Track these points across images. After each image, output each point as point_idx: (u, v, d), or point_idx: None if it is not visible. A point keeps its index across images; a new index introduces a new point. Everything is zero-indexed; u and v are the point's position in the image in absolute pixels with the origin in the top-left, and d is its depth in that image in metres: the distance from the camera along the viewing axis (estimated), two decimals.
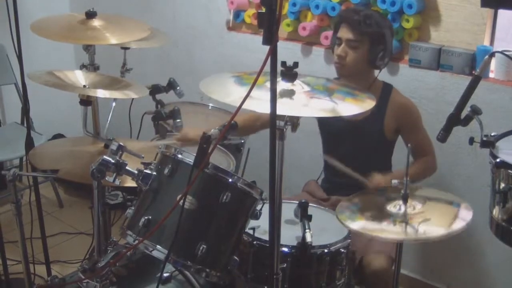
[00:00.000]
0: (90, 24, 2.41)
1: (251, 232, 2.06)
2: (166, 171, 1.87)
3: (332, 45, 2.53)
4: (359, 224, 1.92)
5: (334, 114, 1.77)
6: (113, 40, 2.38)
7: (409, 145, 1.98)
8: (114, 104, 2.52)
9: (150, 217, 1.85)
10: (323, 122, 2.64)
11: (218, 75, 1.98)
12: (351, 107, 1.81)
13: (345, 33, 2.41)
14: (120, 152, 1.90)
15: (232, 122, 1.70)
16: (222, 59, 3.50)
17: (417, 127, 2.50)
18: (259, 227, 2.07)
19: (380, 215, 1.93)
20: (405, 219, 1.89)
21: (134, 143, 2.35)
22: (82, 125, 2.38)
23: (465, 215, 1.92)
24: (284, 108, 1.64)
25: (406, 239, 1.89)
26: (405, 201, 1.93)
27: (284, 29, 3.14)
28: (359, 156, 2.53)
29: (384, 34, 2.41)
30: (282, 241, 1.84)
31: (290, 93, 1.73)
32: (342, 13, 2.57)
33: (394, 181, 2.04)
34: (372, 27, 2.38)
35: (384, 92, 2.51)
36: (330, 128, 2.61)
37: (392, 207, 1.95)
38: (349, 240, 2.11)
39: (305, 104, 1.73)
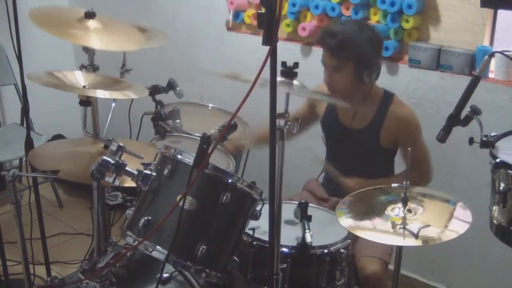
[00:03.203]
0: (87, 25, 2.40)
1: (251, 232, 2.06)
2: (165, 171, 1.87)
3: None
4: (352, 223, 1.92)
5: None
6: (103, 47, 2.36)
7: (409, 149, 1.95)
8: (113, 104, 2.52)
9: (150, 218, 1.84)
10: (325, 125, 2.63)
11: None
12: None
13: (325, 58, 2.38)
14: (120, 153, 1.89)
15: (232, 122, 1.70)
16: (221, 59, 3.50)
17: (414, 141, 2.41)
18: (259, 227, 2.07)
19: (378, 217, 1.93)
20: (403, 223, 1.88)
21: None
22: (81, 126, 2.38)
23: (463, 216, 1.92)
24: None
25: (405, 244, 1.88)
26: (404, 204, 1.92)
27: (283, 30, 3.14)
28: (357, 161, 2.53)
29: (365, 53, 2.32)
30: (282, 242, 1.84)
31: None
32: (319, 36, 2.41)
33: (394, 185, 2.04)
34: (350, 50, 2.30)
35: (384, 102, 2.46)
36: (330, 131, 2.62)
37: (390, 210, 1.94)
38: (349, 241, 2.11)
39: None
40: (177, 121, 2.53)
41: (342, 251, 2.08)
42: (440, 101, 2.75)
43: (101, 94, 2.17)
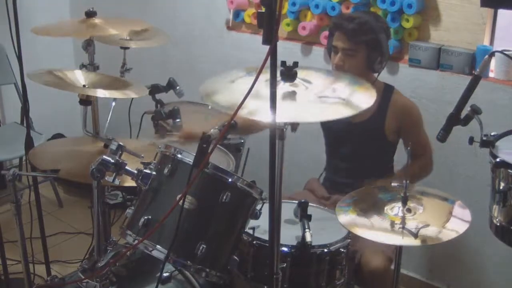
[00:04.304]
0: (90, 22, 2.41)
1: (250, 231, 2.06)
2: (165, 170, 1.87)
3: (328, 50, 2.52)
4: (352, 221, 1.92)
5: (345, 114, 1.69)
6: (113, 30, 2.37)
7: (408, 148, 1.97)
8: (113, 103, 2.52)
9: (149, 217, 1.84)
10: (325, 124, 2.63)
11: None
12: (362, 98, 1.72)
13: (340, 42, 2.39)
14: (120, 152, 1.89)
15: (232, 121, 1.70)
16: (221, 58, 3.50)
17: (417, 129, 2.50)
18: (259, 226, 2.07)
19: (377, 216, 1.92)
20: (403, 222, 1.88)
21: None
22: (81, 125, 2.38)
23: (462, 215, 1.92)
24: (288, 112, 1.61)
25: (404, 244, 1.88)
26: (404, 204, 1.92)
27: (283, 29, 3.14)
28: (360, 156, 2.54)
29: (380, 39, 2.37)
30: (282, 241, 1.84)
31: (291, 95, 1.72)
32: (336, 20, 2.47)
33: (394, 184, 2.04)
34: (367, 34, 2.35)
35: (385, 94, 2.50)
36: (331, 128, 2.62)
37: (390, 209, 1.94)
38: (349, 240, 2.11)
39: (311, 105, 1.70)
40: (177, 120, 2.53)
41: (342, 250, 2.08)
42: (440, 100, 2.75)
43: (101, 93, 2.17)
